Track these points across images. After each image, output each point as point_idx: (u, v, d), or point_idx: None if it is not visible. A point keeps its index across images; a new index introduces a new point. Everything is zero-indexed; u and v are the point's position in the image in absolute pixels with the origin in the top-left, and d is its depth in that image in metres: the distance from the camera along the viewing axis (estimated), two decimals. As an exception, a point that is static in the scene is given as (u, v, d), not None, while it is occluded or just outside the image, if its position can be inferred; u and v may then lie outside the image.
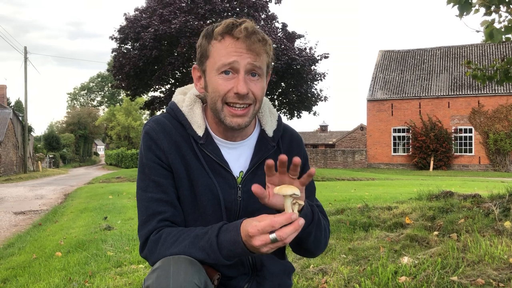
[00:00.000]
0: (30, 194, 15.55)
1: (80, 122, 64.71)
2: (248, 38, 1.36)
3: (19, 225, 8.73)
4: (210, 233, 1.28)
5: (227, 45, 1.37)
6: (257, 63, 1.38)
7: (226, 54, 1.36)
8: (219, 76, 1.38)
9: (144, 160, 1.44)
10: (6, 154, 31.85)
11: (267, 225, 1.16)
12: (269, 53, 1.42)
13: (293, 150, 1.59)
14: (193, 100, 1.52)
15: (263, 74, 1.42)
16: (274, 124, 1.57)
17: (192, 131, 1.46)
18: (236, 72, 1.37)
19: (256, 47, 1.37)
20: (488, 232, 4.12)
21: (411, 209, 5.62)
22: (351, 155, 36.44)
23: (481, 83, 6.16)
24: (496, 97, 30.49)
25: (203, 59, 1.43)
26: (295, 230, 1.17)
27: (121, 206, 9.35)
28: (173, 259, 1.26)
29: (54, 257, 4.97)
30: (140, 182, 1.45)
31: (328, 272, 3.31)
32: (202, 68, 1.45)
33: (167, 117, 1.50)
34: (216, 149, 1.46)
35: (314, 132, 58.68)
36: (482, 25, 4.33)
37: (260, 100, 1.43)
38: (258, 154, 1.51)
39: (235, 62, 1.36)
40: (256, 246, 1.18)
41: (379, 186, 14.62)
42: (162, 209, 1.40)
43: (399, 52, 36.44)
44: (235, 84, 1.36)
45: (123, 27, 23.21)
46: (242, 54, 1.36)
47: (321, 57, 24.21)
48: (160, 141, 1.43)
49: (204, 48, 1.42)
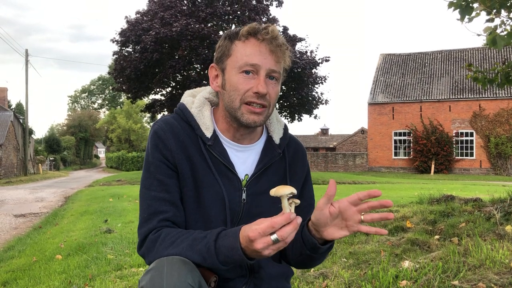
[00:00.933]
0: (31, 196, 15.56)
1: (81, 125, 64.72)
2: (271, 41, 1.40)
3: (19, 228, 8.72)
4: (209, 238, 1.29)
5: (252, 45, 1.40)
6: (277, 68, 1.42)
7: (250, 54, 1.40)
8: (240, 75, 1.41)
9: (150, 159, 1.46)
10: (6, 157, 31.86)
11: (267, 226, 1.17)
12: (287, 59, 1.45)
13: (298, 161, 1.62)
14: (202, 102, 1.54)
15: (280, 79, 1.46)
16: (281, 132, 1.60)
17: (200, 132, 1.47)
18: (256, 73, 1.40)
19: (278, 52, 1.41)
20: (489, 236, 4.11)
21: (412, 213, 5.62)
22: (352, 158, 36.42)
23: (482, 86, 6.15)
24: (497, 100, 30.48)
25: (224, 58, 1.45)
26: (294, 228, 1.18)
27: (122, 209, 9.34)
28: (167, 259, 1.27)
29: (54, 260, 4.96)
30: (144, 180, 1.47)
31: (329, 276, 3.30)
32: (221, 66, 1.47)
33: (175, 117, 1.52)
34: (223, 151, 1.48)
35: (315, 136, 58.69)
36: (485, 31, 4.33)
37: (274, 104, 1.46)
38: (265, 159, 1.52)
39: (257, 64, 1.39)
40: (258, 249, 1.18)
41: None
42: (164, 208, 1.41)
43: (400, 55, 36.46)
44: (255, 84, 1.39)
45: (124, 30, 23.27)
46: (265, 57, 1.39)
47: (322, 60, 24.25)
48: (168, 140, 1.44)
49: (227, 47, 1.45)
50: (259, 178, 1.51)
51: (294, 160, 1.60)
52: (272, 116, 1.59)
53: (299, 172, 1.61)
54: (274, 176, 1.53)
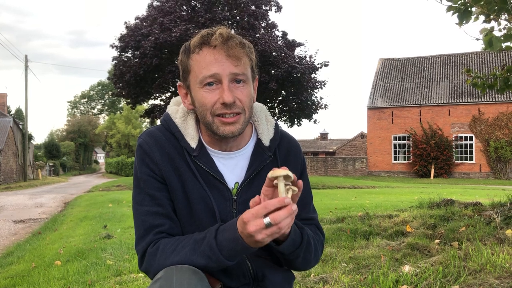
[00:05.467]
0: (30, 202, 15.53)
1: (80, 130, 64.77)
2: (225, 44, 1.33)
3: (19, 234, 8.70)
4: (209, 236, 1.27)
5: (205, 55, 1.34)
6: (239, 70, 1.34)
7: (206, 65, 1.33)
8: (203, 89, 1.35)
9: (138, 174, 1.43)
10: (6, 162, 31.84)
11: (260, 207, 1.16)
12: (250, 56, 1.39)
13: (291, 160, 1.56)
14: (186, 111, 1.49)
15: (248, 79, 1.38)
16: (271, 133, 1.54)
17: (185, 143, 1.44)
18: (219, 82, 1.34)
19: (235, 52, 1.33)
20: (490, 240, 4.10)
21: (412, 217, 5.60)
22: (351, 163, 36.41)
23: (481, 92, 6.16)
24: (496, 104, 30.54)
25: (186, 75, 1.41)
26: (288, 214, 1.15)
27: (121, 215, 9.32)
28: (176, 268, 1.24)
29: (54, 266, 4.94)
30: (135, 196, 1.44)
31: (329, 281, 3.29)
32: (186, 84, 1.42)
33: (160, 129, 1.48)
34: (210, 161, 1.44)
35: (314, 140, 58.71)
36: (481, 33, 4.33)
37: (249, 107, 1.40)
38: (254, 164, 1.47)
39: (216, 74, 1.33)
40: (251, 232, 1.16)
41: (379, 194, 14.59)
42: (159, 222, 1.39)
43: (399, 60, 36.53)
44: (220, 95, 1.33)
45: (124, 35, 23.32)
46: (222, 63, 1.32)
47: (321, 65, 24.30)
48: (153, 154, 1.42)
49: (185, 63, 1.39)
50: (250, 185, 1.46)
51: (287, 160, 1.54)
52: (261, 116, 1.55)
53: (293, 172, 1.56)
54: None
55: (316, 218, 1.59)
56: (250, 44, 1.40)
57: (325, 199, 11.80)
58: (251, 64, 1.40)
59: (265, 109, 1.58)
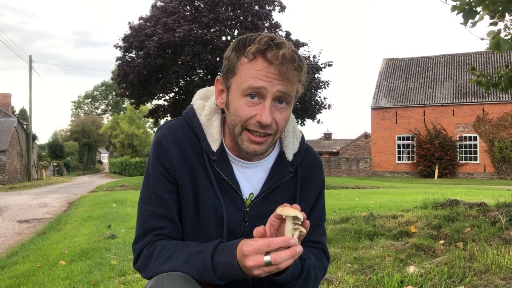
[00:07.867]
0: (34, 202, 15.57)
1: (84, 130, 64.97)
2: (283, 65, 1.22)
3: (23, 234, 8.72)
4: (205, 253, 1.23)
5: (258, 67, 1.23)
6: (287, 89, 1.25)
7: (255, 76, 1.23)
8: (244, 98, 1.25)
9: (150, 170, 1.38)
10: (10, 162, 31.96)
11: (263, 244, 1.11)
12: (302, 81, 1.29)
13: (311, 179, 1.48)
14: (213, 110, 1.40)
15: (291, 102, 1.30)
16: (296, 147, 1.45)
17: (206, 144, 1.36)
18: (262, 98, 1.24)
19: (290, 76, 1.23)
20: (495, 241, 4.08)
21: (416, 218, 5.58)
22: (355, 163, 36.37)
23: (485, 90, 6.14)
24: (500, 104, 30.44)
25: (229, 75, 1.29)
26: (291, 256, 1.11)
27: (125, 215, 9.33)
28: (167, 276, 1.22)
29: (58, 265, 4.95)
30: (143, 192, 1.40)
31: (333, 282, 3.28)
32: (226, 83, 1.31)
33: (182, 124, 1.41)
34: (228, 168, 1.37)
35: (318, 140, 58.65)
36: (489, 35, 4.32)
37: (282, 130, 1.32)
38: (273, 178, 1.40)
39: (263, 88, 1.23)
40: (248, 266, 1.12)
41: (383, 194, 14.56)
42: (161, 224, 1.36)
43: (403, 60, 36.48)
44: (259, 112, 1.24)
45: (128, 35, 23.38)
46: (273, 81, 1.22)
47: (324, 65, 24.32)
48: (170, 152, 1.35)
49: (233, 62, 1.28)
50: (265, 199, 1.40)
51: (308, 179, 1.46)
52: (289, 128, 1.44)
53: (312, 192, 1.48)
54: (282, 196, 1.41)
55: (324, 241, 1.52)
56: (305, 67, 1.29)
57: (329, 199, 11.78)
58: (299, 88, 1.31)
59: (293, 119, 1.47)
